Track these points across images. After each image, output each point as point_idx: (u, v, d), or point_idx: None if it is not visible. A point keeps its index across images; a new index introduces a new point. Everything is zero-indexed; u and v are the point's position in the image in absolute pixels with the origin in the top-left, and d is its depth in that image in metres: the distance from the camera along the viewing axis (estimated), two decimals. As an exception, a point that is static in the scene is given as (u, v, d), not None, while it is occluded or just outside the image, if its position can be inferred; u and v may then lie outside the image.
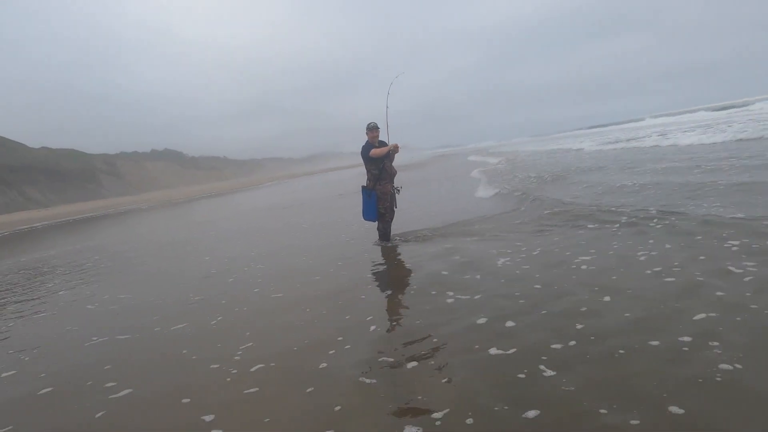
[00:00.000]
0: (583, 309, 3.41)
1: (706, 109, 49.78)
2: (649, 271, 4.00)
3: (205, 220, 17.71)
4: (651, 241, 4.87)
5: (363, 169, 7.03)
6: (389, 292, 4.69)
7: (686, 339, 2.77)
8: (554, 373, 2.62)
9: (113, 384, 3.37)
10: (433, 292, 4.32)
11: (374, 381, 2.83)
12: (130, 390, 3.25)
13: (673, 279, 3.76)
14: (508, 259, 5.07)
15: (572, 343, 2.92)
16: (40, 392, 3.45)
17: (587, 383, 2.50)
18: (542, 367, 2.70)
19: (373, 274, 5.52)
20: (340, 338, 3.57)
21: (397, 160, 6.92)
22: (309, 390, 2.83)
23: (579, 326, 3.13)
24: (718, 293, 3.37)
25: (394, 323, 3.80)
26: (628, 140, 23.86)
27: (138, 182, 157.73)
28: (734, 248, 4.24)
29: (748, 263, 3.76)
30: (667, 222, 5.54)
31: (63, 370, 3.88)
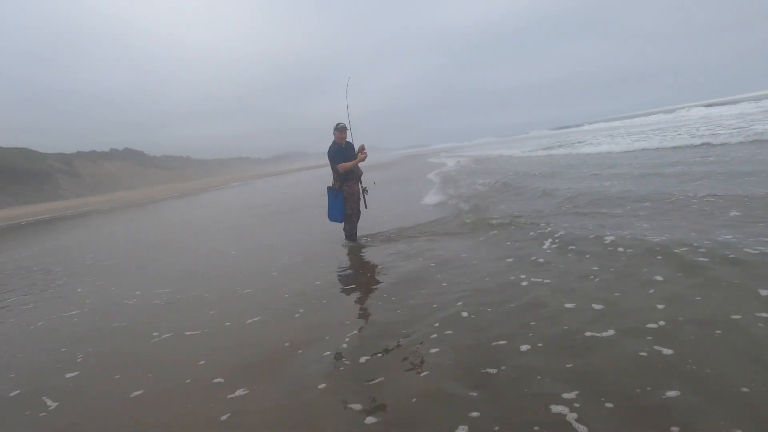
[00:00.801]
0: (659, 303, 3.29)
1: (665, 112, 53.13)
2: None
3: (192, 218, 17.00)
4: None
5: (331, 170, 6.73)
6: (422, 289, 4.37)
7: (764, 315, 2.86)
8: (672, 351, 2.52)
9: (220, 380, 2.95)
10: (515, 277, 4.09)
11: (495, 369, 2.62)
12: (246, 390, 2.81)
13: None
14: (475, 255, 5.11)
15: (662, 323, 2.85)
16: (133, 394, 2.96)
17: (709, 361, 2.39)
18: (657, 347, 2.58)
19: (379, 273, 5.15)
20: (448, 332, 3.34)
21: (366, 161, 6.72)
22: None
23: (660, 306, 3.13)
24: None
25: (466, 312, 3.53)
26: (548, 148, 24.65)
27: (97, 183, 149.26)
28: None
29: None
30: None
31: (138, 368, 3.39)
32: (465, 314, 3.48)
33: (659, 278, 3.56)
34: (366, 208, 7.01)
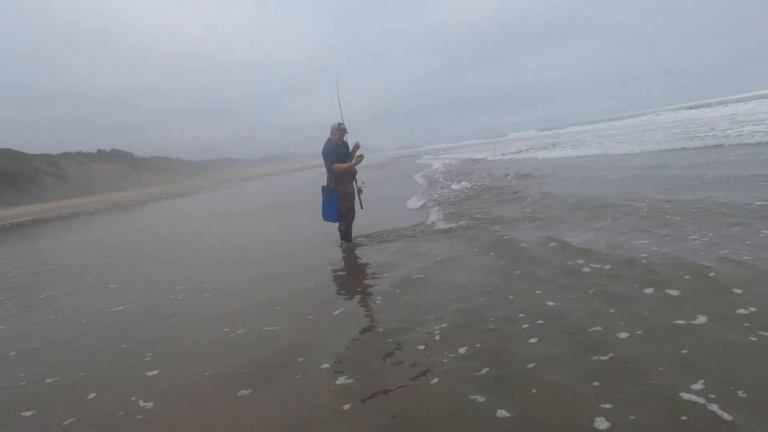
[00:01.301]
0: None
1: (653, 113, 54.01)
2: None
3: (196, 217, 16.79)
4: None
5: (324, 170, 6.53)
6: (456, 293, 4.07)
7: None
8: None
9: (338, 372, 2.73)
10: (572, 275, 3.76)
11: (610, 355, 2.47)
12: (351, 376, 2.61)
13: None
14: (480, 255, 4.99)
15: (753, 309, 2.73)
16: (240, 393, 2.68)
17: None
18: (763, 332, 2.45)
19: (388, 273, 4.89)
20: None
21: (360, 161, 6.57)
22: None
23: (736, 290, 3.03)
24: None
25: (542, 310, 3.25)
26: (519, 151, 25.05)
27: (84, 184, 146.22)
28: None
29: None
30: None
31: (229, 367, 3.05)
32: (530, 304, 3.25)
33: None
34: (362, 208, 6.80)
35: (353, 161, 6.46)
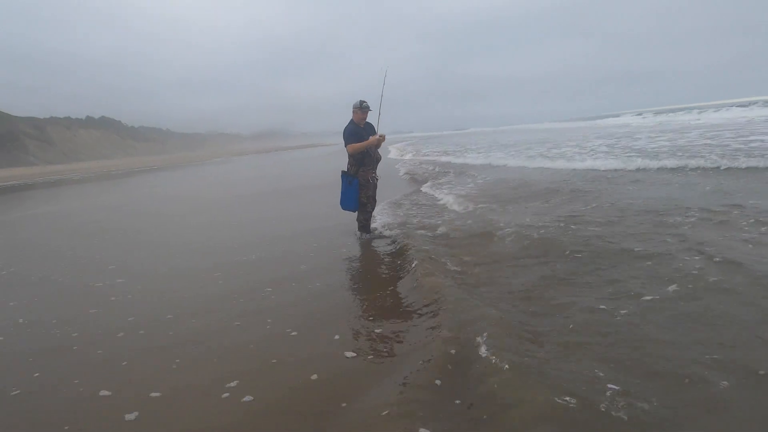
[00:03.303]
0: None
1: (646, 114, 54.40)
2: None
3: (196, 194, 16.31)
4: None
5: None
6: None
7: None
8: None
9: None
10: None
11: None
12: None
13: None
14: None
15: None
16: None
17: None
18: None
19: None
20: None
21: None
22: None
23: None
24: None
25: None
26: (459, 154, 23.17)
27: (70, 150, 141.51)
28: None
29: None
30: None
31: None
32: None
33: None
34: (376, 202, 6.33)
35: (368, 141, 5.86)
